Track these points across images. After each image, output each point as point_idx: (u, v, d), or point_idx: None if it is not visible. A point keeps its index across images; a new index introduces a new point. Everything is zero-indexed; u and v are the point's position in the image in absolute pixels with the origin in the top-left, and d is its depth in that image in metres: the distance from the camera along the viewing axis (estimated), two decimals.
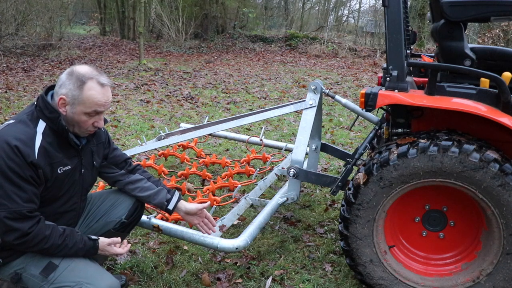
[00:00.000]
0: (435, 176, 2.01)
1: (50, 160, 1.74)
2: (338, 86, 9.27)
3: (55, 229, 1.75)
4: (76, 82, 1.73)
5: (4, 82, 8.32)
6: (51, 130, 1.77)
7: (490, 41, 10.86)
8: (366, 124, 5.98)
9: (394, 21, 2.09)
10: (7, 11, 11.40)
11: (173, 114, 6.39)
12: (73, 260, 1.79)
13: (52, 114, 1.76)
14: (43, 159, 1.71)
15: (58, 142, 1.79)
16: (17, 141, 1.65)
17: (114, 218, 2.07)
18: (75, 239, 1.79)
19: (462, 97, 2.08)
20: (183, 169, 3.77)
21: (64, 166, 1.82)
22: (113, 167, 2.14)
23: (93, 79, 1.76)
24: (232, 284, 2.45)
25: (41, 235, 1.70)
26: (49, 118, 1.76)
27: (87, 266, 1.80)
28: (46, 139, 1.74)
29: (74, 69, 1.77)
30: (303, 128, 2.80)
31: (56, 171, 1.78)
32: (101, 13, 19.58)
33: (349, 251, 2.24)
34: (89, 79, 1.75)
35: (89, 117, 1.78)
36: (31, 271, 1.75)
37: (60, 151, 1.79)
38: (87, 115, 1.77)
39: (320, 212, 3.35)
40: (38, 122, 1.76)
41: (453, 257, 2.27)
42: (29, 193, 1.68)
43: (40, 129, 1.75)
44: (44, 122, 1.76)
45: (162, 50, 14.60)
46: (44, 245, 1.71)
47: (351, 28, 22.38)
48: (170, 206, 2.13)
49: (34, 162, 1.67)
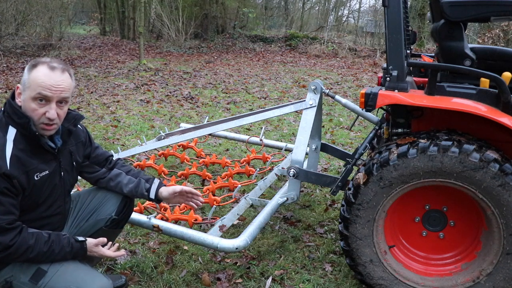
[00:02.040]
0: (435, 176, 2.01)
1: (24, 168, 1.66)
2: (338, 86, 9.27)
3: (40, 237, 1.69)
4: (28, 69, 1.68)
5: (4, 82, 8.32)
6: (23, 136, 1.68)
7: (490, 41, 10.86)
8: (366, 124, 5.98)
9: (394, 21, 2.09)
10: (7, 11, 11.39)
11: (173, 114, 6.39)
12: (62, 264, 1.74)
13: (21, 119, 1.67)
14: (16, 168, 1.63)
15: (31, 148, 1.70)
16: None
17: (104, 216, 2.03)
18: (62, 243, 1.73)
19: (462, 97, 2.08)
20: (183, 169, 3.77)
21: (40, 172, 1.73)
22: (95, 167, 2.09)
23: (44, 64, 1.68)
24: (232, 284, 2.45)
25: (25, 246, 1.64)
26: (18, 124, 1.68)
27: (77, 269, 1.75)
28: (18, 146, 1.66)
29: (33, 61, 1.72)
30: (303, 128, 2.80)
31: (33, 178, 1.70)
32: (101, 13, 19.58)
33: (349, 251, 2.24)
34: (39, 63, 1.68)
35: (38, 105, 1.66)
36: (20, 278, 1.71)
37: (34, 157, 1.71)
38: (35, 101, 1.66)
39: (320, 212, 3.35)
40: (7, 129, 1.68)
41: (453, 257, 2.27)
42: (6, 205, 1.61)
43: (11, 136, 1.66)
44: (14, 128, 1.68)
45: (162, 50, 14.60)
46: (29, 255, 1.66)
47: (351, 28, 22.38)
48: (151, 195, 2.09)
49: (7, 173, 1.59)
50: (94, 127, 5.53)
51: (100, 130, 5.43)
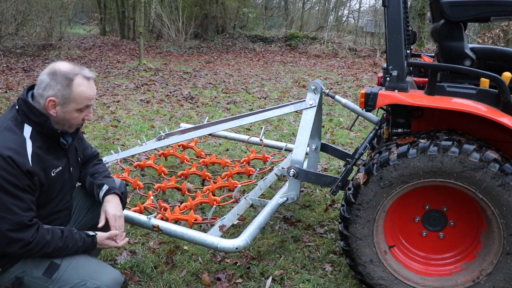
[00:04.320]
0: (435, 176, 2.01)
1: (42, 165, 1.72)
2: (338, 86, 9.27)
3: (55, 232, 1.75)
4: (63, 81, 1.71)
5: (4, 82, 8.32)
6: (38, 133, 1.73)
7: (490, 41, 10.86)
8: (366, 124, 5.98)
9: (394, 21, 2.09)
10: (7, 11, 11.40)
11: (173, 114, 6.39)
12: (74, 257, 1.78)
13: (39, 117, 1.71)
14: (36, 165, 1.68)
15: (47, 145, 1.76)
16: (9, 151, 1.60)
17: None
18: (74, 238, 1.79)
19: (462, 97, 2.08)
20: (183, 169, 3.77)
21: (56, 168, 1.80)
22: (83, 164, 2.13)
23: (79, 75, 1.74)
24: (232, 284, 2.45)
25: (43, 241, 1.69)
26: (35, 122, 1.72)
27: (88, 262, 1.80)
28: (35, 144, 1.70)
29: (56, 68, 1.73)
30: (303, 128, 2.80)
31: (50, 175, 1.77)
32: (101, 13, 19.58)
33: (349, 251, 2.24)
34: (75, 75, 1.73)
35: (80, 112, 1.78)
36: (33, 273, 1.74)
37: (49, 153, 1.77)
38: (78, 111, 1.77)
39: (320, 212, 3.35)
40: (23, 127, 1.71)
41: (453, 257, 2.27)
42: (27, 202, 1.66)
43: (27, 134, 1.70)
44: (30, 126, 1.72)
45: (162, 50, 14.60)
46: (46, 250, 1.71)
47: (351, 28, 22.37)
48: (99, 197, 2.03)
49: (30, 170, 1.64)
50: (94, 127, 5.53)
51: (100, 130, 5.43)
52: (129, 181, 3.30)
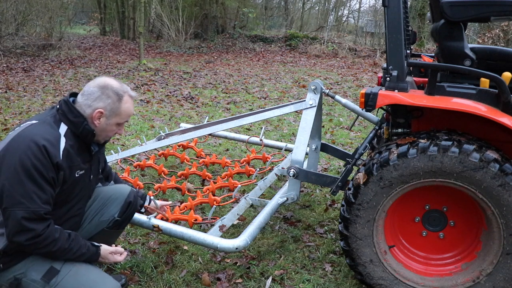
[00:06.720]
0: (435, 176, 2.01)
1: (70, 163, 1.78)
2: (338, 86, 9.27)
3: (63, 233, 1.77)
4: (114, 96, 1.83)
5: (4, 82, 8.32)
6: (72, 133, 1.81)
7: (490, 41, 10.86)
8: (366, 124, 5.98)
9: (394, 21, 2.09)
10: (7, 11, 11.40)
11: (173, 114, 6.39)
12: (74, 264, 1.79)
13: (77, 118, 1.81)
14: (65, 161, 1.75)
15: (78, 146, 1.84)
16: (44, 141, 1.68)
17: (107, 217, 2.07)
18: (80, 244, 1.80)
19: (462, 97, 2.08)
20: (183, 169, 3.77)
21: (80, 170, 1.86)
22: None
23: (127, 93, 1.90)
24: (232, 284, 2.45)
25: (51, 238, 1.71)
26: (72, 122, 1.80)
27: (88, 271, 1.80)
28: (68, 142, 1.78)
29: (107, 83, 1.84)
30: (303, 128, 2.80)
31: (74, 174, 1.82)
32: (101, 13, 19.59)
33: (349, 251, 2.24)
34: (124, 93, 1.88)
35: (118, 127, 1.92)
36: (32, 276, 1.74)
37: (78, 155, 1.84)
38: (118, 125, 1.91)
39: (320, 212, 3.35)
40: (60, 124, 1.80)
41: (453, 257, 2.27)
42: (48, 194, 1.70)
43: (62, 131, 1.79)
44: (66, 125, 1.81)
45: (162, 50, 14.60)
46: (52, 248, 1.72)
47: (351, 28, 22.37)
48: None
49: (59, 164, 1.70)
50: None
51: None
52: (129, 181, 3.30)
